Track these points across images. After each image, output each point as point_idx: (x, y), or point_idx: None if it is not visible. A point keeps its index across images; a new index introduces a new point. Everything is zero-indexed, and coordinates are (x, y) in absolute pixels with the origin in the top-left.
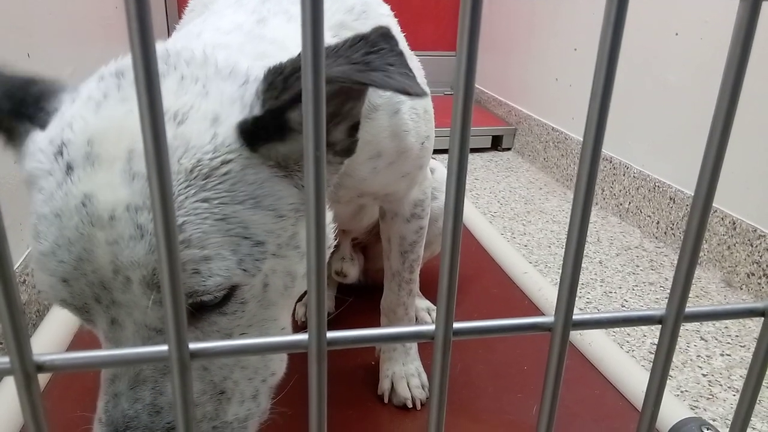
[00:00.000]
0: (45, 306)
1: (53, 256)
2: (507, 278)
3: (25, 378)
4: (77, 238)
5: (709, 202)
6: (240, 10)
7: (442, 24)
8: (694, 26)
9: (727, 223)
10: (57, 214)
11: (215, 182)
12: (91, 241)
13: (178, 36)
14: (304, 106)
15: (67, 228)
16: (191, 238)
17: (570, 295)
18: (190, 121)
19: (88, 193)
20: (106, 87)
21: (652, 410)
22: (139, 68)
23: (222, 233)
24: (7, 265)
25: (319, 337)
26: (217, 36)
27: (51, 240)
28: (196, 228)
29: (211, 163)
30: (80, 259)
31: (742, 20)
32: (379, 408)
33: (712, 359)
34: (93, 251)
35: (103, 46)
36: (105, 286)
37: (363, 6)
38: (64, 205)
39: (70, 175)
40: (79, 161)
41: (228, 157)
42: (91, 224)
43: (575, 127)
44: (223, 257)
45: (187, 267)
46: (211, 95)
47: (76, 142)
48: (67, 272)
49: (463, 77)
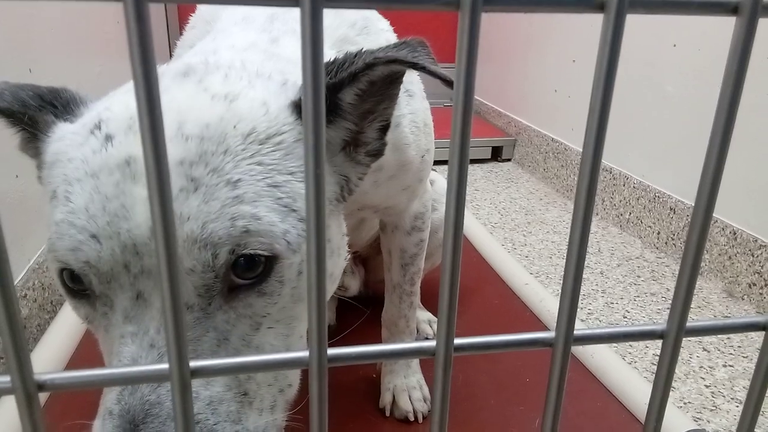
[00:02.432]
0: (46, 320)
1: (85, 212)
2: (508, 289)
3: (26, 397)
4: (115, 194)
5: (709, 213)
6: (249, 28)
7: (441, 36)
8: (692, 37)
9: (727, 233)
10: (93, 173)
11: (269, 149)
12: (132, 196)
13: (192, 53)
14: (304, 114)
15: (104, 185)
16: (245, 194)
17: (571, 309)
18: (241, 101)
19: (131, 155)
20: None
21: (655, 423)
22: (140, 84)
23: (273, 199)
24: (7, 282)
25: (320, 355)
26: (235, 53)
27: (84, 198)
28: (251, 186)
29: (267, 131)
30: (116, 216)
31: (739, 34)
32: (380, 421)
33: (714, 370)
34: (133, 208)
35: (105, 62)
36: (138, 250)
37: (364, 21)
38: (102, 165)
39: (109, 142)
40: (120, 131)
41: (282, 128)
42: (132, 180)
43: (575, 137)
44: (271, 221)
45: (237, 223)
46: (257, 88)
47: (116, 118)
48: (100, 228)
49: (462, 89)
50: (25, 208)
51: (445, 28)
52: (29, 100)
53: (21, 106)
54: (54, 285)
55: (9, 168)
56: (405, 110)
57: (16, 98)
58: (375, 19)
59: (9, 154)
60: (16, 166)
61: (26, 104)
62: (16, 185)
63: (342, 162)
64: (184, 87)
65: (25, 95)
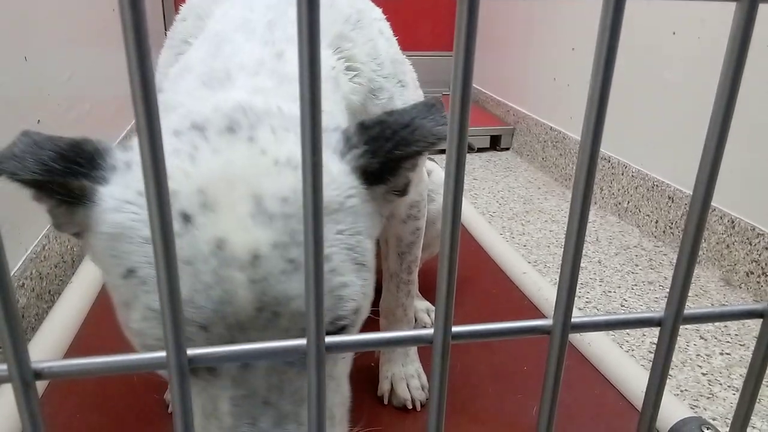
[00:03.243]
0: (44, 310)
1: (191, 304)
2: (506, 278)
3: (23, 385)
4: (216, 282)
5: (707, 201)
6: (252, 38)
7: (440, 24)
8: (692, 25)
9: (725, 222)
10: (188, 261)
11: (344, 216)
12: (232, 282)
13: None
14: (301, 119)
15: (202, 273)
16: (335, 267)
17: (569, 297)
18: None
19: (221, 238)
20: (191, 141)
21: (651, 411)
22: (135, 74)
23: (351, 261)
24: (4, 271)
25: (317, 343)
26: (249, 80)
27: (186, 288)
28: (338, 256)
29: (338, 199)
30: (221, 302)
31: (739, 21)
32: (378, 409)
33: (711, 358)
34: (235, 292)
35: (100, 51)
36: (243, 327)
37: (358, 15)
38: (195, 253)
39: (189, 223)
40: (195, 209)
41: (350, 193)
42: (228, 266)
43: (573, 126)
44: (353, 283)
45: (334, 293)
46: None
47: (184, 192)
48: (207, 317)
49: (460, 77)
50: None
51: (444, 14)
52: (53, 164)
53: (47, 173)
54: (51, 274)
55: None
56: (398, 102)
57: (39, 163)
58: (367, 9)
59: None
60: None
61: (52, 170)
62: None
63: (379, 205)
64: (236, 147)
65: (47, 157)
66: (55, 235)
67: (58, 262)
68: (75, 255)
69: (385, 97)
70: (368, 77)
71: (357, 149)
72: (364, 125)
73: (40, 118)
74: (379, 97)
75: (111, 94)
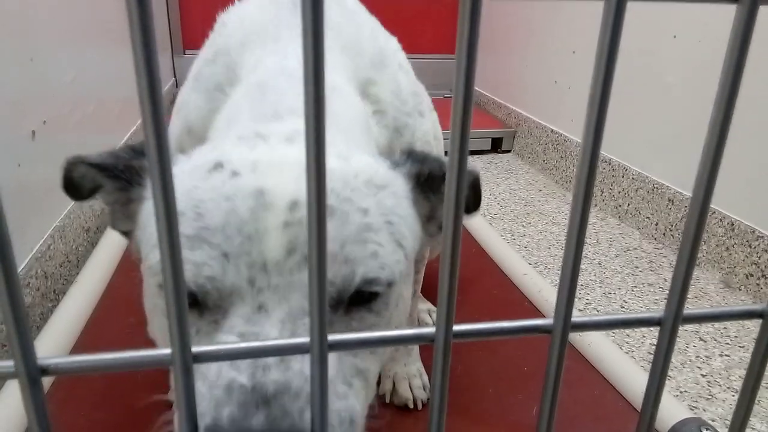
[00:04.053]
0: (49, 309)
1: (222, 231)
2: (507, 280)
3: (30, 381)
4: (250, 219)
5: (707, 204)
6: (294, 83)
7: (442, 27)
8: (693, 28)
9: (725, 224)
10: (227, 197)
11: (386, 194)
12: (266, 222)
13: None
14: (306, 122)
15: (240, 208)
16: (372, 223)
17: (569, 297)
18: (353, 159)
19: (263, 187)
20: (254, 141)
21: (651, 411)
22: (142, 73)
23: (389, 234)
24: (11, 268)
25: (320, 340)
26: (299, 120)
27: (221, 216)
28: (376, 217)
29: (383, 181)
30: (249, 238)
31: (739, 23)
32: (380, 408)
33: (711, 360)
34: (267, 232)
35: (105, 51)
36: (267, 268)
37: (380, 54)
38: (236, 191)
39: (236, 176)
40: (244, 169)
41: (394, 182)
42: (265, 209)
43: (574, 129)
44: (391, 251)
45: (368, 246)
46: (360, 156)
47: (237, 160)
48: (233, 247)
49: (462, 80)
50: (27, 197)
51: (446, 18)
52: (122, 153)
53: (113, 159)
54: (56, 274)
55: (11, 157)
56: (418, 134)
57: (111, 155)
58: (387, 44)
59: (11, 142)
60: (18, 155)
61: (118, 156)
62: (18, 174)
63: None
64: (293, 150)
65: (119, 152)
66: (60, 235)
67: (63, 261)
68: (80, 255)
69: (409, 133)
70: (393, 116)
71: (403, 167)
72: (410, 151)
73: (45, 119)
74: (404, 134)
75: (116, 95)
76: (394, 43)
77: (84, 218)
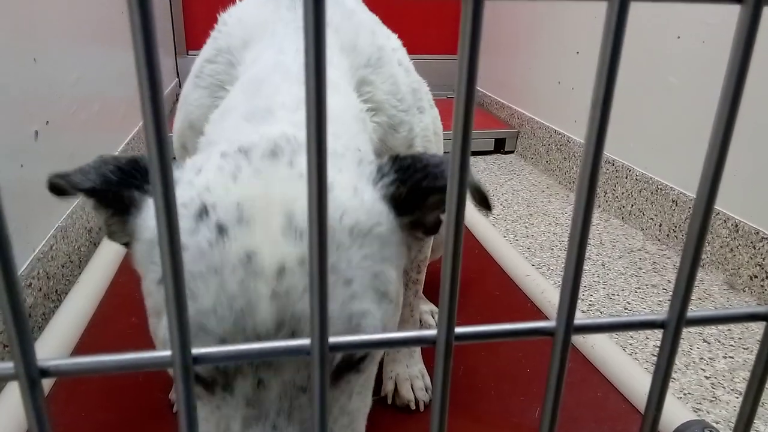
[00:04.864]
0: (51, 309)
1: (213, 315)
2: (509, 281)
3: (30, 383)
4: (241, 292)
5: (711, 205)
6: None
7: (444, 27)
8: (696, 29)
9: (729, 226)
10: (216, 270)
11: (370, 241)
12: (257, 293)
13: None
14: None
15: (228, 283)
16: (356, 291)
17: (572, 299)
18: (336, 190)
19: (251, 250)
20: (235, 161)
21: (654, 413)
22: (143, 74)
23: (373, 290)
24: (11, 270)
25: (321, 342)
26: (291, 115)
27: (211, 297)
28: (360, 282)
29: (367, 223)
30: (242, 315)
31: (743, 23)
32: (382, 409)
33: (715, 362)
34: (257, 305)
35: (108, 52)
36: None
37: (378, 53)
38: (224, 262)
39: (224, 234)
40: (231, 221)
41: (379, 220)
42: (254, 277)
43: (578, 129)
44: (373, 313)
45: (353, 320)
46: (344, 172)
47: (222, 204)
48: (227, 331)
49: (464, 80)
50: (29, 198)
51: (448, 18)
52: (111, 175)
53: (104, 183)
54: (59, 274)
55: (13, 157)
56: (417, 129)
57: (99, 175)
58: (386, 43)
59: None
60: (21, 156)
61: (109, 180)
62: (21, 174)
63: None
64: (278, 170)
65: (107, 170)
66: (62, 235)
67: (65, 262)
68: (82, 255)
69: (406, 129)
70: (388, 114)
71: (387, 177)
72: (397, 157)
73: (48, 120)
74: (399, 131)
75: (119, 95)
76: (393, 40)
77: (86, 218)
